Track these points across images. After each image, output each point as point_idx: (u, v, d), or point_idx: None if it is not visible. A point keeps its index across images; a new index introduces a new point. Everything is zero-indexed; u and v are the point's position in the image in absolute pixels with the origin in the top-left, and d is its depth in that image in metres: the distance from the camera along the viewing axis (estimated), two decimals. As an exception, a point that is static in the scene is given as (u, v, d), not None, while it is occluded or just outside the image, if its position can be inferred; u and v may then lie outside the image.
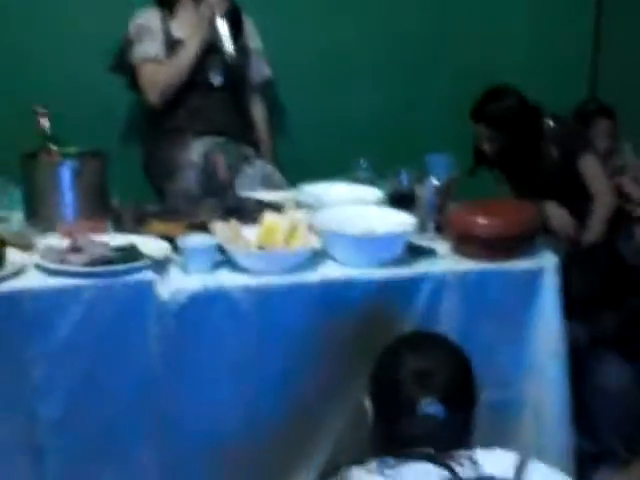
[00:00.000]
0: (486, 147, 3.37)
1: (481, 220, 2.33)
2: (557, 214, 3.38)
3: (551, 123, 3.41)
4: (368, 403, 1.68)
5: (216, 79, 3.21)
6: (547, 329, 2.39)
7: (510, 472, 1.52)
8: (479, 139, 3.39)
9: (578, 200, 3.39)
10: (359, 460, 1.58)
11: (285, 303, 2.14)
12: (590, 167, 3.36)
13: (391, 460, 1.55)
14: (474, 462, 1.53)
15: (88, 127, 3.28)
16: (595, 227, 3.33)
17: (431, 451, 1.55)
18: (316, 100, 3.65)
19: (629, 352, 2.65)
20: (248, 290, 2.12)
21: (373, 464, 1.56)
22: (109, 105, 3.45)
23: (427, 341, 1.74)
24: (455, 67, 3.85)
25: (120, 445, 2.15)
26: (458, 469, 1.51)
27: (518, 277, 2.33)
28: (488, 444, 1.63)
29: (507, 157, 3.40)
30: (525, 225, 2.38)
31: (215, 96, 3.22)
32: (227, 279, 2.14)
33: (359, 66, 3.77)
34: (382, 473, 1.53)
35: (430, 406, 1.57)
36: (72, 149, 2.52)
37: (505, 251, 2.33)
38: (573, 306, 2.47)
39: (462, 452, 1.56)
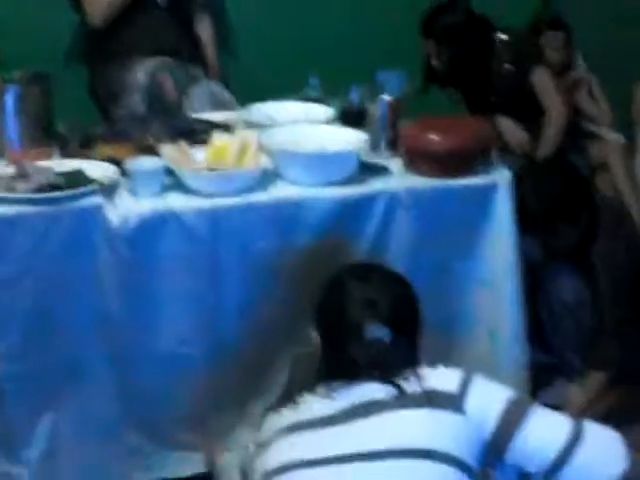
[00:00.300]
0: (436, 63, 3.34)
1: (433, 136, 2.31)
2: (511, 129, 3.38)
3: (503, 37, 3.37)
4: (314, 333, 1.68)
5: None
6: (501, 244, 2.40)
7: (455, 387, 1.54)
8: (429, 55, 3.36)
9: (532, 115, 3.38)
10: (311, 386, 1.61)
11: (237, 224, 2.12)
12: (542, 81, 3.34)
13: (338, 383, 1.57)
14: (419, 377, 1.56)
15: (32, 51, 3.17)
16: (548, 141, 3.33)
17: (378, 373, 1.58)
18: (265, 17, 3.59)
19: (583, 266, 2.67)
20: (200, 213, 2.09)
21: (322, 389, 1.58)
22: (52, 27, 3.33)
23: (371, 269, 1.77)
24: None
25: (78, 375, 2.13)
26: (403, 384, 1.54)
27: (472, 193, 2.32)
28: (441, 359, 1.65)
29: (457, 73, 3.36)
30: (478, 141, 2.37)
31: (160, 15, 3.14)
32: (177, 202, 2.11)
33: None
34: (330, 396, 1.56)
35: (377, 330, 1.60)
36: (15, 73, 2.43)
37: (458, 167, 2.31)
38: (527, 221, 2.48)
39: (408, 370, 1.58)
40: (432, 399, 1.53)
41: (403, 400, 1.53)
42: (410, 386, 1.55)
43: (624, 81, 3.65)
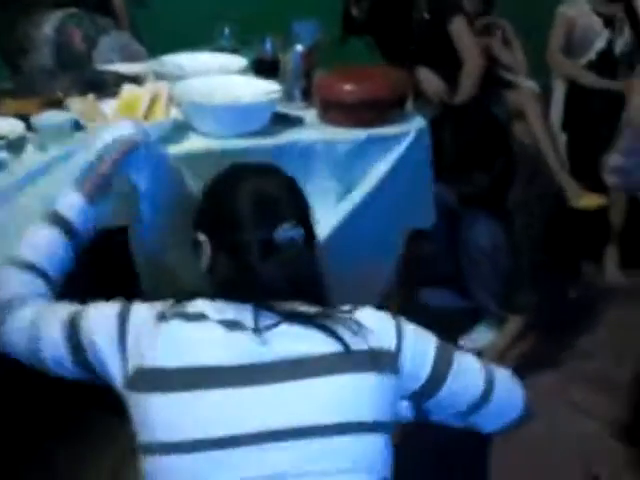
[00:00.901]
0: (356, 12, 3.31)
1: (347, 86, 2.29)
2: (428, 78, 3.38)
3: None
4: (202, 237, 1.50)
5: None
6: (418, 191, 2.43)
7: (393, 343, 1.43)
8: (349, 4, 3.33)
9: (450, 64, 3.38)
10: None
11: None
12: (459, 30, 3.34)
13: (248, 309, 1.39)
14: (360, 327, 1.40)
15: None
16: (464, 89, 3.34)
17: (298, 307, 1.40)
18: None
19: (499, 212, 2.71)
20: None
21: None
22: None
23: (261, 168, 1.59)
24: None
25: None
26: (347, 337, 1.37)
27: (387, 142, 2.30)
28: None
29: (377, 21, 3.34)
30: (393, 90, 2.35)
31: (64, -35, 3.03)
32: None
33: None
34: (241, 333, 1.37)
35: (287, 230, 1.44)
36: None
37: (373, 117, 2.30)
38: (444, 168, 2.49)
39: (344, 314, 1.42)
40: (376, 360, 1.39)
41: (347, 360, 1.36)
42: (355, 343, 1.37)
43: (538, 29, 3.69)
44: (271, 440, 1.30)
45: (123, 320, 1.41)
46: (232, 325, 1.37)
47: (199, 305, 1.40)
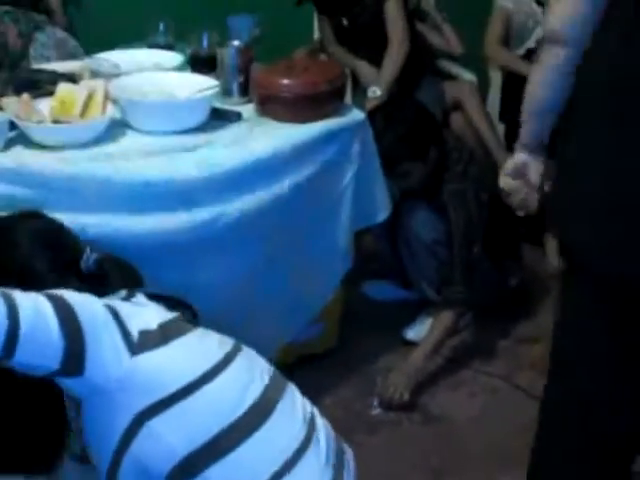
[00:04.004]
0: None
1: (285, 80, 2.31)
2: (367, 73, 3.39)
3: None
4: None
5: None
6: (372, 186, 2.47)
7: None
8: None
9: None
10: None
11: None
12: (392, 10, 3.32)
13: None
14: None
15: None
16: (386, 73, 3.30)
17: None
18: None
19: (436, 203, 2.73)
20: (47, 166, 2.01)
21: None
22: None
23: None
24: None
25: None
26: None
27: (327, 136, 2.32)
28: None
29: None
30: (331, 83, 2.36)
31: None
32: (24, 156, 2.02)
33: None
34: None
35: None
36: None
37: (311, 111, 2.32)
38: (381, 159, 2.51)
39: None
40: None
41: None
42: None
43: (474, 20, 3.72)
44: None
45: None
46: None
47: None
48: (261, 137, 2.23)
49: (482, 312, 2.91)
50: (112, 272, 1.62)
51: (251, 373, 1.56)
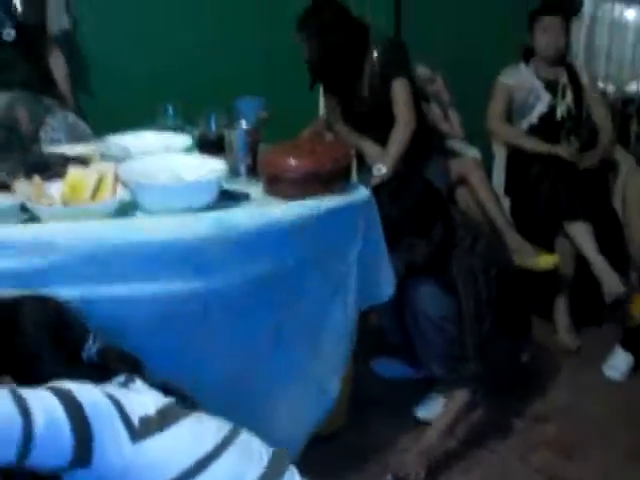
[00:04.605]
0: (308, 58, 3.36)
1: (293, 160, 2.33)
2: (373, 152, 3.43)
3: (379, 50, 3.39)
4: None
5: (8, 34, 3.07)
6: (377, 264, 2.47)
7: None
8: (305, 52, 3.38)
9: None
10: None
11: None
12: (398, 90, 3.35)
13: None
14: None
15: None
16: (392, 152, 3.32)
17: None
18: (121, 47, 3.53)
19: (444, 280, 2.72)
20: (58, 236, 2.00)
21: None
22: None
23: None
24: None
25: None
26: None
27: (333, 213, 2.34)
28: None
29: (328, 70, 3.38)
30: (337, 163, 2.39)
31: (10, 51, 3.09)
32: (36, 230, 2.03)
33: (166, 8, 3.65)
34: None
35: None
36: None
37: (317, 189, 2.33)
38: (387, 235, 2.52)
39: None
40: None
41: None
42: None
43: (477, 96, 3.78)
44: None
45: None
46: None
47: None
48: (268, 210, 2.26)
49: (494, 389, 2.88)
50: (113, 362, 1.64)
51: (248, 459, 1.56)
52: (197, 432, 1.54)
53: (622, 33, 4.64)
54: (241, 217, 2.17)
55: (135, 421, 1.47)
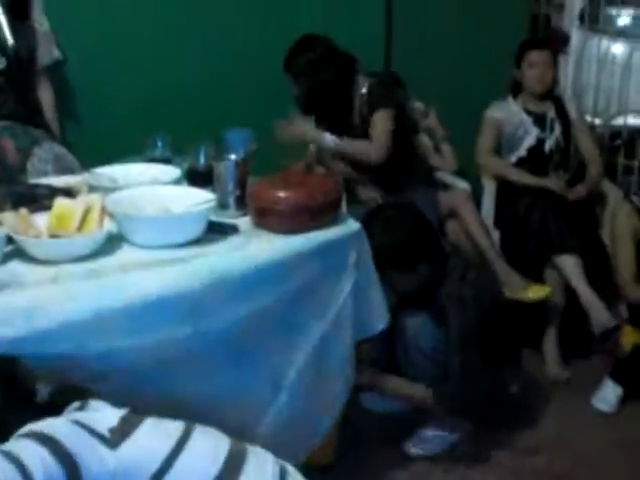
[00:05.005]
0: (297, 95, 3.37)
1: (282, 193, 2.32)
2: (363, 190, 3.45)
3: (367, 82, 3.42)
4: None
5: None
6: (370, 296, 2.46)
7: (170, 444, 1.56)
8: (294, 88, 3.39)
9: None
10: None
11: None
12: (379, 120, 3.36)
13: None
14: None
15: None
16: (353, 144, 3.35)
17: None
18: (110, 78, 3.52)
19: (434, 310, 2.71)
20: (42, 281, 2.00)
21: None
22: None
23: None
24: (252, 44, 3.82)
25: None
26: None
27: (324, 247, 2.33)
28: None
29: (316, 106, 3.40)
30: (326, 195, 2.39)
31: (-2, 80, 3.06)
32: (20, 270, 2.02)
33: (152, 41, 3.64)
34: None
35: None
36: None
37: (307, 223, 2.32)
38: (377, 266, 2.51)
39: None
40: None
41: None
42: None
43: (467, 130, 3.79)
44: None
45: None
46: None
47: None
48: (257, 248, 2.23)
49: (482, 421, 2.86)
50: (66, 396, 1.66)
51: (215, 438, 1.63)
52: (161, 427, 1.59)
53: (609, 67, 4.69)
54: (234, 262, 2.14)
55: (105, 433, 1.51)
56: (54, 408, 1.63)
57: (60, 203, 2.18)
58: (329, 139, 3.37)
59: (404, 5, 4.20)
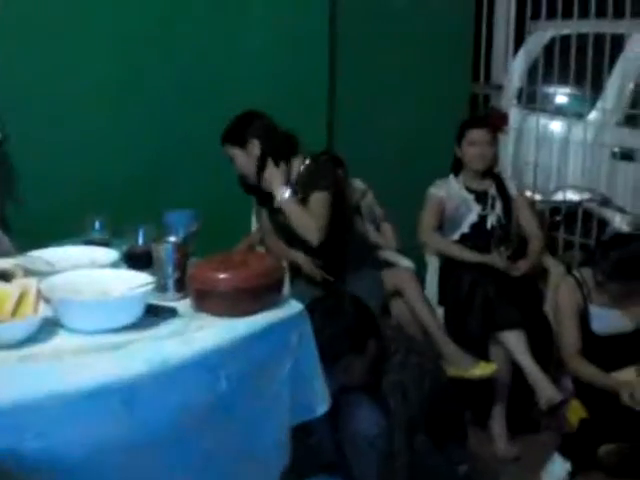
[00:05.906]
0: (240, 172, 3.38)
1: (222, 274, 2.28)
2: (305, 262, 3.43)
3: (306, 161, 3.45)
4: None
5: None
6: (310, 379, 2.41)
7: None
8: (235, 167, 3.40)
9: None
10: None
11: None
12: (314, 204, 3.37)
13: None
14: None
15: None
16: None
17: None
18: (49, 160, 3.51)
19: (377, 396, 2.68)
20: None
21: None
22: None
23: None
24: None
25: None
26: None
27: (265, 329, 2.28)
28: None
29: (249, 185, 3.42)
30: (268, 276, 2.35)
31: None
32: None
33: (97, 120, 3.65)
34: None
35: None
36: None
37: (248, 305, 2.28)
38: (322, 354, 2.47)
39: None
40: None
41: None
42: None
43: (409, 209, 3.83)
44: None
45: None
46: None
47: None
48: (197, 332, 2.18)
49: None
50: None
51: None
52: None
53: (548, 144, 4.80)
54: (173, 346, 2.09)
55: None
56: None
57: (-6, 287, 2.14)
58: (285, 193, 3.36)
59: (347, 85, 4.28)
